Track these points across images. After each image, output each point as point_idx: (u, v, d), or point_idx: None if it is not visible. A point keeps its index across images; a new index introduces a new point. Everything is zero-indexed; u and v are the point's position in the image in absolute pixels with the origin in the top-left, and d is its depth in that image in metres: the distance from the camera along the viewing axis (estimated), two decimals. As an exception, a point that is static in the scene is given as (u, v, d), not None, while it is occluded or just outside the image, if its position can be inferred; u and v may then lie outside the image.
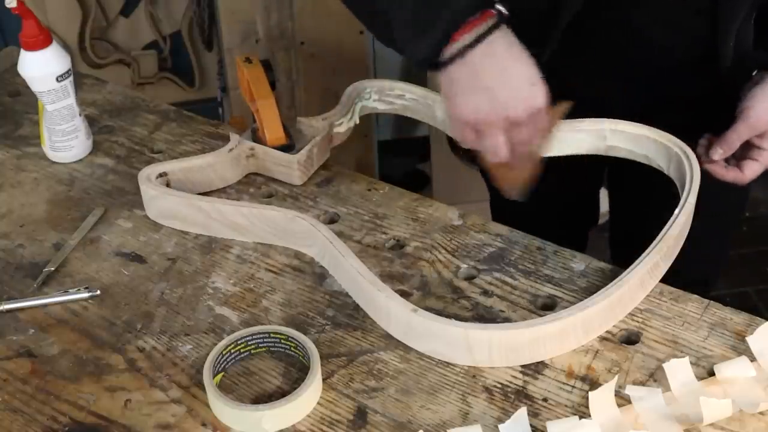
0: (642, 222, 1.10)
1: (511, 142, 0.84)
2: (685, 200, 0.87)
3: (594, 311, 0.79)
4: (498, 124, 0.82)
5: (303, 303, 0.87)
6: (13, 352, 0.83)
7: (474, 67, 0.80)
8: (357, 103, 1.08)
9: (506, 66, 0.80)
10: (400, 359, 0.81)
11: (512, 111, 0.81)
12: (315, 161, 1.04)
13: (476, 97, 0.81)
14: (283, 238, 0.94)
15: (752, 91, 0.94)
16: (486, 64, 0.80)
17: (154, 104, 1.21)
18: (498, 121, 0.82)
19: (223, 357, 0.79)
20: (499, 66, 0.80)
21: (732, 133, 0.94)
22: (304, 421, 0.75)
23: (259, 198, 1.01)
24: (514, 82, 0.80)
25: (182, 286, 0.90)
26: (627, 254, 0.89)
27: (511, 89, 0.80)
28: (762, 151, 0.95)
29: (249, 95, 1.05)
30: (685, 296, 0.85)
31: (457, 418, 0.75)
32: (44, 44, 1.02)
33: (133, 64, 2.32)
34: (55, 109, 1.06)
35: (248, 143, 1.03)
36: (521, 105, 0.81)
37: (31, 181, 1.06)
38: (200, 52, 2.33)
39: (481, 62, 0.80)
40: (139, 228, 0.98)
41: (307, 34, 1.97)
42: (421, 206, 0.99)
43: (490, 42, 0.79)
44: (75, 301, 0.88)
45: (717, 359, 0.78)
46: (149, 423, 0.75)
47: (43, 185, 1.06)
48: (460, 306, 0.86)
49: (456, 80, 0.82)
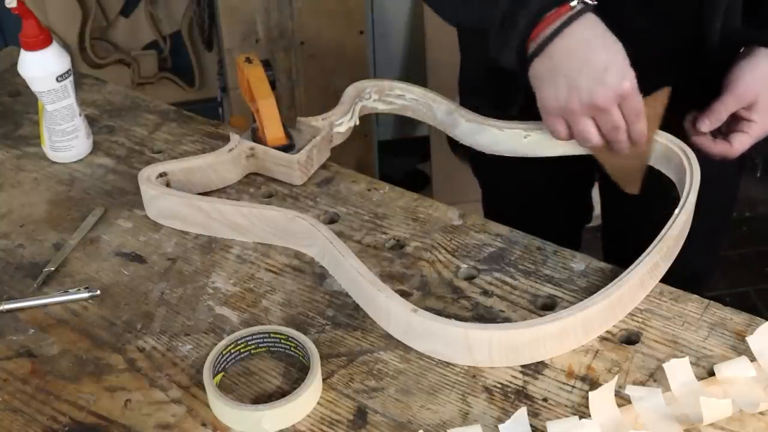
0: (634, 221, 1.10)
1: (603, 129, 0.86)
2: (685, 200, 0.87)
3: (594, 311, 0.79)
4: (582, 111, 0.84)
5: (303, 303, 0.87)
6: (13, 352, 0.83)
7: (553, 60, 0.84)
8: (357, 103, 1.08)
9: (585, 54, 0.83)
10: (400, 359, 0.81)
11: (594, 97, 0.83)
12: (315, 161, 1.04)
13: (556, 88, 0.84)
14: (283, 238, 0.94)
15: (739, 63, 0.93)
16: (564, 55, 0.83)
17: (154, 104, 1.21)
18: (581, 109, 0.84)
19: (223, 357, 0.79)
20: (578, 55, 0.83)
21: (719, 104, 0.93)
22: (304, 421, 0.75)
23: (259, 198, 1.01)
24: (593, 69, 0.82)
25: (182, 286, 0.90)
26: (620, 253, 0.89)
27: (590, 76, 0.83)
28: (750, 123, 0.94)
29: (249, 95, 1.05)
30: (685, 296, 0.85)
31: (457, 418, 0.75)
32: (44, 44, 1.02)
33: (133, 64, 2.32)
34: (55, 109, 1.05)
35: (248, 143, 1.03)
36: (602, 91, 0.83)
37: (31, 181, 1.06)
38: (200, 52, 2.33)
39: (560, 54, 0.83)
40: (139, 228, 0.98)
41: (307, 34, 1.97)
42: (421, 206, 0.99)
43: (567, 33, 0.82)
44: (75, 301, 0.88)
45: (717, 359, 0.78)
46: (149, 423, 0.75)
47: (43, 185, 1.06)
48: (460, 306, 0.86)
49: (539, 75, 0.86)
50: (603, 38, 0.84)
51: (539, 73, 0.86)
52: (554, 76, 0.85)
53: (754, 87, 0.92)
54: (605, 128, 0.86)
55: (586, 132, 0.87)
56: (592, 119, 0.86)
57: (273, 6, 1.92)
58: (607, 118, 0.85)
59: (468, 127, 1.02)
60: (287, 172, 1.02)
